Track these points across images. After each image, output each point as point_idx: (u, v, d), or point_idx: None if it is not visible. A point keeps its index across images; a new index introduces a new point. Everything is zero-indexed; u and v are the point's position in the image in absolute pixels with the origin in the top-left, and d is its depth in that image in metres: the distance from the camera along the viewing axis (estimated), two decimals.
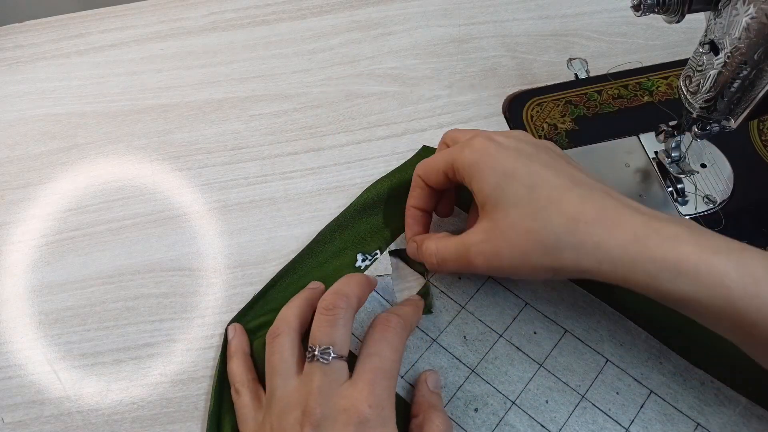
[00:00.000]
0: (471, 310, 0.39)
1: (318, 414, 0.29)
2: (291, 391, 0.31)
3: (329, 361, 0.31)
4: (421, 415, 0.34)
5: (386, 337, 0.32)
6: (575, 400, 0.36)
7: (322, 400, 0.30)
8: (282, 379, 0.32)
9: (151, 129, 0.50)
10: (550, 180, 0.32)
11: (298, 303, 0.36)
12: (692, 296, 0.28)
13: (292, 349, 0.33)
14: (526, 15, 0.55)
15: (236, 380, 0.36)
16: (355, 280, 0.35)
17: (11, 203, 0.46)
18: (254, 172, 0.47)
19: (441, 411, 0.34)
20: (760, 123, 0.47)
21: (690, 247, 0.29)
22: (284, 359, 0.33)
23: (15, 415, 0.38)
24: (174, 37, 0.55)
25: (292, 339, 0.34)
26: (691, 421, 0.35)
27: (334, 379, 0.31)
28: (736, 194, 0.43)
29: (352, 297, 0.33)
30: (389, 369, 0.31)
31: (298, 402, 0.30)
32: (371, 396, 0.30)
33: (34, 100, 0.52)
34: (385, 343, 0.32)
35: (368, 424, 0.29)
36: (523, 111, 0.49)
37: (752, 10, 0.30)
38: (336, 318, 0.32)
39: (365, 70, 0.52)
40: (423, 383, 0.35)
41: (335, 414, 0.29)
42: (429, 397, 0.35)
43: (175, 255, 0.43)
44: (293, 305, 0.36)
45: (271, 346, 0.34)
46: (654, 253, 0.29)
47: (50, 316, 0.41)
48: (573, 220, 0.30)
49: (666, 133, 0.42)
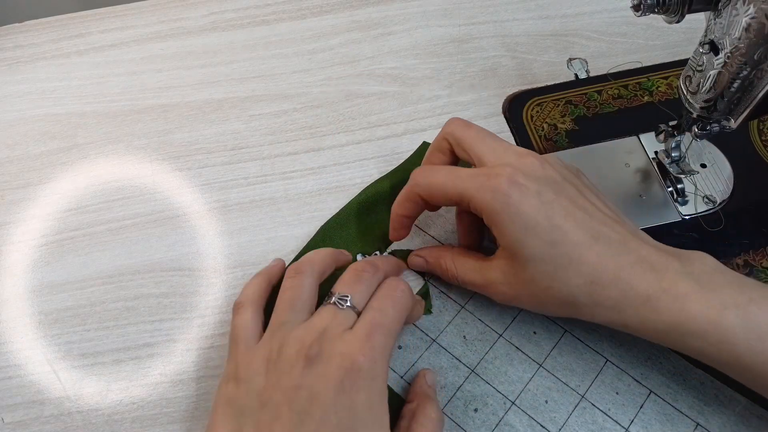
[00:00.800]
0: (471, 310, 0.39)
1: (315, 350, 0.30)
2: (299, 325, 0.32)
3: (344, 307, 0.32)
4: (415, 401, 0.34)
5: (393, 296, 0.33)
6: (575, 400, 0.36)
7: (323, 339, 0.31)
8: (295, 313, 0.33)
9: (151, 129, 0.50)
10: (571, 235, 0.32)
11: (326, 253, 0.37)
12: (700, 351, 0.31)
13: (310, 291, 0.34)
14: (526, 15, 0.55)
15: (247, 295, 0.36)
16: (388, 260, 0.38)
17: (11, 203, 0.46)
18: (254, 172, 0.47)
19: (435, 402, 0.34)
20: (760, 123, 0.47)
21: (698, 306, 0.30)
22: (301, 297, 0.34)
23: (15, 415, 0.38)
24: (174, 37, 0.55)
25: (313, 280, 0.35)
26: (691, 421, 0.35)
27: (340, 323, 0.31)
28: (736, 194, 0.43)
29: (381, 270, 0.35)
30: (389, 326, 0.32)
31: (302, 336, 0.31)
32: (366, 346, 0.30)
33: (34, 100, 0.52)
34: (390, 301, 0.33)
35: (359, 373, 0.29)
36: (523, 111, 0.49)
37: (752, 10, 0.30)
38: (362, 277, 0.34)
39: (365, 70, 0.52)
40: (421, 377, 0.36)
41: (330, 355, 0.30)
42: (425, 389, 0.35)
43: (175, 255, 0.43)
44: (321, 252, 0.37)
45: (291, 281, 0.34)
46: (663, 316, 0.31)
47: (50, 316, 0.41)
48: (591, 284, 0.32)
49: (666, 133, 0.42)
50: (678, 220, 0.43)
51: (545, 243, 0.32)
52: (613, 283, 0.31)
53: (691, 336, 0.30)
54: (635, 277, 0.31)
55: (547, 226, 0.32)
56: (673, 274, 0.31)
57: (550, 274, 0.32)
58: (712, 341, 0.30)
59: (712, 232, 0.42)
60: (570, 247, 0.32)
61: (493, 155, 0.35)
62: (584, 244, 0.32)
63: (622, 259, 0.32)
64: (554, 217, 0.32)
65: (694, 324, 0.30)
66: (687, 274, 0.31)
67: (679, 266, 0.32)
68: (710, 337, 0.30)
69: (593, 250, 0.32)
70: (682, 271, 0.31)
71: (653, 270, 0.31)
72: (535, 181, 0.33)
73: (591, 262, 0.32)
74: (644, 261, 0.32)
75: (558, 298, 0.33)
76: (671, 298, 0.30)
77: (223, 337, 0.40)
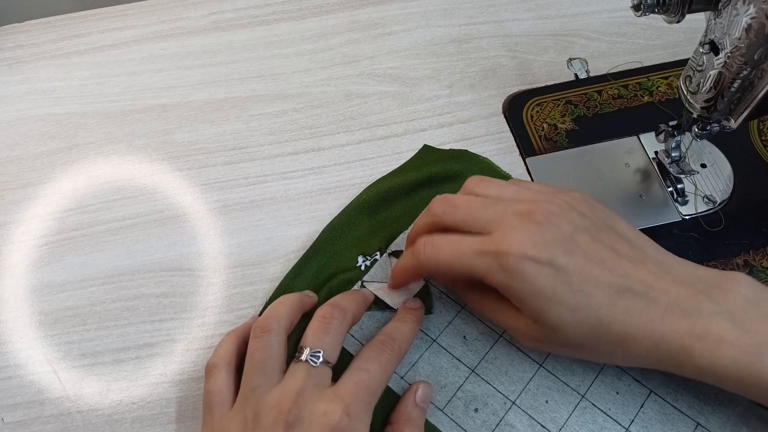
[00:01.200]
0: (471, 310, 0.39)
1: (294, 414, 0.29)
2: (272, 388, 0.31)
3: (317, 364, 0.32)
4: (395, 424, 0.34)
5: (380, 359, 0.33)
6: (575, 400, 0.36)
7: (301, 401, 0.30)
8: (266, 376, 0.32)
9: (151, 129, 0.50)
10: (594, 297, 0.31)
11: (291, 302, 0.36)
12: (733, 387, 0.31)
13: (279, 348, 0.33)
14: (526, 15, 0.55)
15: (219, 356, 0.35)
16: (353, 296, 0.36)
17: (11, 203, 0.46)
18: (254, 172, 0.47)
19: (416, 426, 0.34)
20: (760, 123, 0.47)
21: (733, 352, 0.29)
22: (271, 356, 0.33)
23: (15, 415, 0.38)
24: (174, 37, 0.55)
25: (281, 338, 0.34)
26: (691, 420, 0.35)
27: (317, 383, 0.31)
28: (736, 194, 0.43)
29: (348, 312, 0.34)
30: (374, 387, 0.32)
31: (278, 400, 0.30)
32: (350, 406, 0.30)
33: (34, 100, 0.52)
34: (377, 363, 0.33)
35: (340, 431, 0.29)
36: (523, 111, 0.49)
37: (752, 10, 0.30)
38: (331, 326, 0.33)
39: (365, 70, 0.52)
40: (411, 394, 0.35)
41: (311, 417, 0.29)
42: (410, 410, 0.34)
43: (175, 255, 0.43)
44: (286, 302, 0.36)
45: (259, 341, 0.33)
46: (698, 362, 0.30)
47: (50, 316, 0.41)
48: (622, 341, 0.31)
49: (666, 133, 0.42)
50: (678, 220, 0.43)
51: (569, 309, 0.31)
52: (646, 337, 0.31)
53: (726, 381, 0.30)
54: (667, 327, 0.30)
55: (567, 293, 0.31)
56: (706, 317, 0.30)
57: (581, 335, 0.31)
58: (748, 383, 0.30)
59: (712, 232, 0.42)
60: (595, 309, 0.31)
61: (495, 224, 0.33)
62: (609, 304, 0.31)
63: (650, 311, 0.31)
64: (573, 283, 0.31)
65: (731, 369, 0.30)
66: (720, 314, 0.30)
67: (712, 306, 0.30)
68: (746, 379, 0.30)
69: (619, 307, 0.31)
70: (715, 311, 0.30)
71: (685, 315, 0.30)
72: (545, 248, 0.31)
73: (620, 320, 0.31)
74: (674, 307, 0.31)
75: (591, 352, 0.33)
76: (706, 346, 0.30)
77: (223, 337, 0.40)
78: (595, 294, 0.31)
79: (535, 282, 0.31)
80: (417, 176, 0.44)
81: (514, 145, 0.47)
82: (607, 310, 0.31)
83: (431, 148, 0.47)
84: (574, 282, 0.31)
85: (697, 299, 0.31)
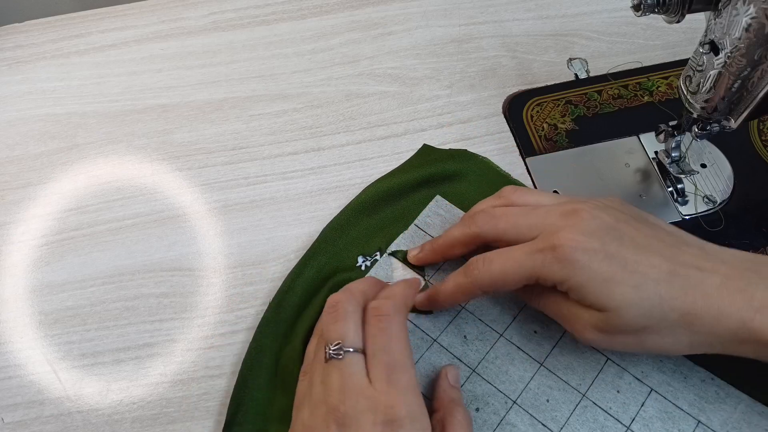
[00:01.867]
0: (471, 310, 0.39)
1: (342, 411, 0.29)
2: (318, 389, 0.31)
3: (343, 356, 0.31)
4: (441, 410, 0.33)
5: (383, 328, 0.32)
6: (576, 398, 0.36)
7: (344, 398, 0.30)
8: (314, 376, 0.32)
9: (151, 129, 0.50)
10: (651, 275, 0.32)
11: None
12: None
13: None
14: (526, 15, 0.55)
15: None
16: (360, 280, 0.36)
17: (11, 203, 0.46)
18: (254, 172, 0.47)
19: (462, 406, 0.34)
20: (760, 123, 0.47)
21: None
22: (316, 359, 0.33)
23: (15, 415, 0.38)
24: (174, 37, 0.55)
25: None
26: (692, 418, 0.35)
27: (353, 373, 0.30)
28: (736, 194, 0.44)
29: (355, 292, 0.34)
30: (401, 360, 0.31)
31: (323, 400, 0.30)
32: (391, 395, 0.29)
33: (34, 100, 0.52)
34: (384, 335, 0.31)
35: (395, 423, 0.29)
36: (523, 111, 0.49)
37: (752, 10, 0.30)
38: (339, 312, 0.32)
39: (365, 70, 0.52)
40: (444, 378, 0.35)
41: (358, 414, 0.29)
42: (450, 392, 0.35)
43: (175, 255, 0.43)
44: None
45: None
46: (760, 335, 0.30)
47: (50, 316, 0.41)
48: (685, 315, 0.31)
49: (666, 133, 0.42)
50: (678, 220, 0.43)
51: (630, 288, 0.31)
52: (706, 312, 0.31)
53: None
54: (725, 301, 0.31)
55: (625, 274, 0.31)
56: (762, 291, 0.31)
57: (644, 316, 0.32)
58: None
59: (712, 232, 0.42)
60: (654, 286, 0.31)
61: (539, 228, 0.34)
62: (666, 280, 0.31)
63: (705, 287, 0.31)
64: (628, 264, 0.32)
65: None
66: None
67: (762, 280, 0.31)
68: None
69: (675, 284, 0.31)
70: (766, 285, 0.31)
71: (739, 290, 0.31)
72: (594, 236, 0.32)
73: (678, 295, 0.31)
74: (727, 284, 0.31)
75: (657, 332, 0.32)
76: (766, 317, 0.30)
77: (223, 337, 0.40)
78: (651, 273, 0.32)
79: (591, 266, 0.31)
80: (416, 176, 0.44)
81: (514, 145, 0.47)
82: (665, 287, 0.31)
83: (430, 147, 0.47)
84: (628, 264, 0.32)
85: (747, 276, 0.31)
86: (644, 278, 0.31)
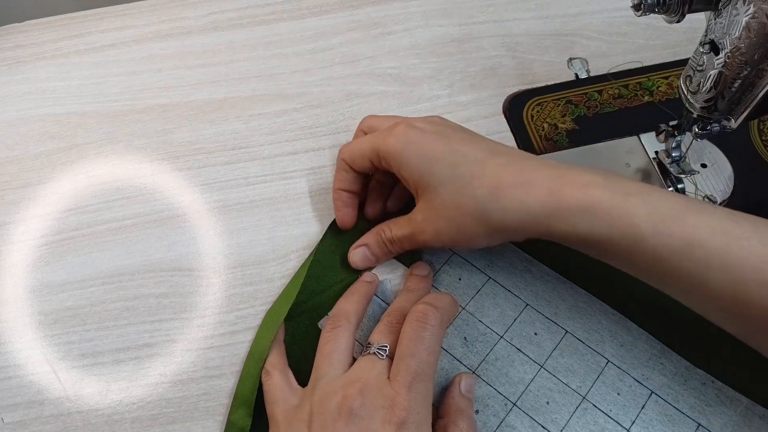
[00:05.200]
0: (471, 311, 0.39)
1: (357, 403, 0.30)
2: (338, 378, 0.33)
3: (384, 357, 0.33)
4: (446, 417, 0.34)
5: (422, 337, 0.33)
6: (576, 401, 0.36)
7: (365, 391, 0.31)
8: (333, 368, 0.33)
9: (151, 129, 0.50)
10: (470, 155, 0.35)
11: (357, 298, 0.38)
12: (607, 238, 0.31)
13: (347, 342, 0.35)
14: (527, 15, 0.55)
15: (268, 363, 0.36)
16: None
17: (11, 203, 0.46)
18: (254, 172, 0.47)
19: (468, 416, 0.34)
20: (761, 123, 0.47)
21: (602, 192, 0.31)
22: (339, 350, 0.34)
23: (15, 415, 0.38)
24: (174, 37, 0.55)
25: (350, 333, 0.35)
26: (692, 421, 0.35)
27: (380, 374, 0.32)
28: (736, 194, 0.43)
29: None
30: (425, 372, 0.32)
31: (342, 388, 0.31)
32: (407, 399, 0.30)
33: (34, 100, 0.52)
34: (421, 344, 0.32)
35: (403, 426, 0.30)
36: (524, 111, 0.49)
37: (752, 9, 0.30)
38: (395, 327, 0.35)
39: (365, 70, 0.52)
40: (456, 385, 0.36)
41: (373, 409, 0.30)
42: (458, 401, 0.35)
43: (175, 255, 0.43)
44: (353, 300, 0.37)
45: (328, 335, 0.35)
46: (569, 203, 0.31)
47: (50, 316, 0.41)
48: (494, 188, 0.33)
49: (666, 133, 0.42)
50: None
51: (448, 166, 0.34)
52: (516, 185, 0.33)
53: (599, 221, 0.31)
54: (537, 175, 0.32)
55: (447, 152, 0.35)
56: (577, 169, 0.33)
57: (457, 191, 0.34)
58: (618, 224, 0.30)
59: None
60: (471, 165, 0.34)
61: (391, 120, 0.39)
62: (484, 159, 0.34)
63: (523, 164, 0.34)
64: (453, 144, 0.35)
65: (600, 207, 0.30)
66: (591, 170, 0.32)
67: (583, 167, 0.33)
68: (616, 220, 0.30)
69: (493, 162, 0.34)
70: (585, 169, 0.33)
71: (554, 167, 0.33)
72: (430, 123, 0.37)
73: (492, 172, 0.33)
74: (545, 163, 0.33)
75: (469, 213, 0.34)
76: (576, 187, 0.31)
77: (223, 337, 0.40)
78: (472, 153, 0.35)
79: (420, 143, 0.35)
80: None
81: (515, 144, 0.47)
82: (481, 164, 0.34)
83: None
84: (454, 144, 0.35)
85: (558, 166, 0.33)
86: (464, 158, 0.34)
